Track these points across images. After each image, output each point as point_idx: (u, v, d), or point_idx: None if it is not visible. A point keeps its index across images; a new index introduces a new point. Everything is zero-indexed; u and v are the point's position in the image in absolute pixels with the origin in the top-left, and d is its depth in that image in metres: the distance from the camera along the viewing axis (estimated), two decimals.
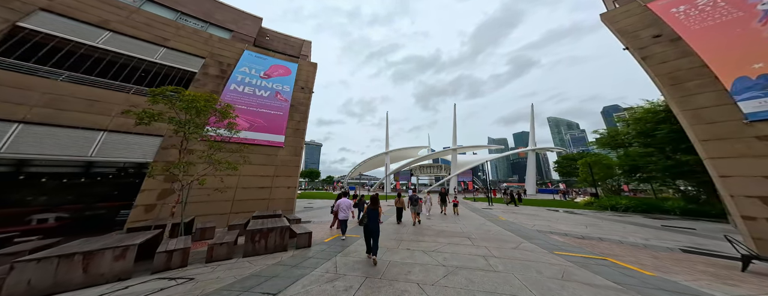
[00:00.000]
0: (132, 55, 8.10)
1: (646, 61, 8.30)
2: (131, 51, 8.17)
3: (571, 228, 7.77)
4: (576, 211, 13.78)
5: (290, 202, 8.58)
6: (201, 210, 6.95)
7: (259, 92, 9.95)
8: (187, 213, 5.98)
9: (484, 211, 13.27)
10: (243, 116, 8.81)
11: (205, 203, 6.98)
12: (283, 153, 9.15)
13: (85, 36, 7.61)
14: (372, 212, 4.37)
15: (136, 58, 8.19)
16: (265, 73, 11.13)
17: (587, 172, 17.57)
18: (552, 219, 10.05)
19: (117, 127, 6.46)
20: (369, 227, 4.22)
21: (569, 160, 39.44)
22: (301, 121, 10.38)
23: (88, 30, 7.72)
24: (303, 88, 12.05)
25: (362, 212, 8.58)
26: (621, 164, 15.25)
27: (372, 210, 4.42)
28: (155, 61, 8.50)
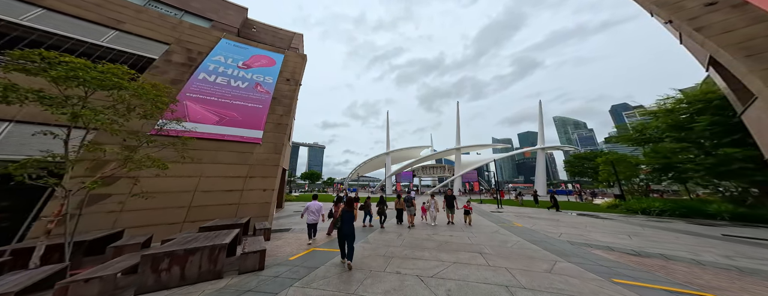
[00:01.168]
0: (67, 35, 6.87)
1: (701, 32, 6.72)
2: (68, 31, 6.96)
3: (613, 239, 6.13)
4: (600, 215, 11.99)
5: (265, 208, 7.12)
6: (138, 219, 5.48)
7: (234, 83, 8.70)
8: (107, 225, 4.63)
9: (495, 215, 11.63)
10: (212, 109, 7.53)
11: (145, 211, 5.56)
12: (261, 151, 7.78)
13: (7, 11, 6.44)
14: (346, 214, 4.07)
15: (72, 39, 6.96)
16: (245, 63, 9.91)
17: (609, 171, 15.70)
18: (579, 226, 8.39)
19: (31, 117, 5.15)
20: (343, 230, 3.97)
21: (581, 159, 37.22)
22: (285, 115, 9.02)
23: (13, 5, 6.56)
24: (289, 79, 10.77)
25: (367, 215, 8.09)
26: (649, 162, 13.37)
27: (346, 212, 4.10)
28: (100, 43, 7.29)
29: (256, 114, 8.26)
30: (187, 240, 3.35)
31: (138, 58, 7.77)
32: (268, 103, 8.88)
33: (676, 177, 13.12)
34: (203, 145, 6.77)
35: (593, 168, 37.72)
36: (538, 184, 35.10)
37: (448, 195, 8.94)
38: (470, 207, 8.57)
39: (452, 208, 8.65)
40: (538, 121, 37.81)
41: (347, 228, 3.98)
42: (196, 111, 7.13)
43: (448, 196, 8.94)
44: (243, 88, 8.70)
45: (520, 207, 15.93)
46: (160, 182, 5.74)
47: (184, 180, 6.18)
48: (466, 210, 8.47)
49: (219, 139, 7.13)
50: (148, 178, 5.63)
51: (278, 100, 9.33)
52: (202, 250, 3.07)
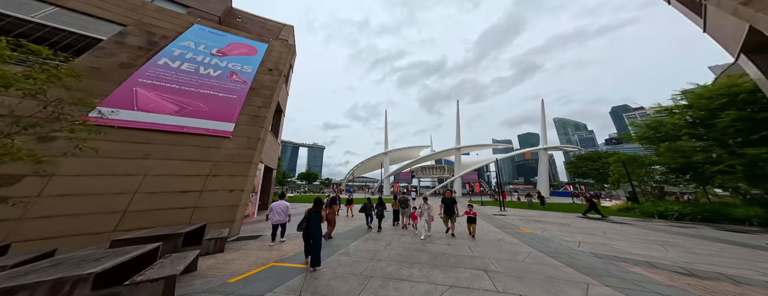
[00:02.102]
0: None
1: (751, 5, 5.71)
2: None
3: (646, 251, 5.06)
4: (614, 219, 10.92)
5: (231, 211, 5.96)
6: (45, 229, 4.26)
7: (205, 70, 7.66)
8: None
9: (498, 219, 10.55)
10: (171, 97, 6.46)
11: (58, 219, 4.37)
12: (231, 146, 6.68)
13: None
14: (314, 215, 3.88)
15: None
16: (220, 50, 8.88)
17: (620, 172, 14.63)
18: (596, 232, 7.31)
19: None
20: (310, 232, 3.79)
21: (584, 160, 36.20)
22: (264, 107, 7.92)
23: None
24: (271, 69, 9.72)
25: (368, 217, 7.66)
26: (666, 161, 12.28)
27: (314, 213, 3.90)
28: (28, 19, 6.23)
29: (228, 105, 7.22)
30: (36, 268, 2.18)
31: (78, 37, 6.72)
32: (244, 93, 7.83)
33: (696, 178, 12.05)
34: (153, 137, 5.68)
35: (597, 169, 36.86)
36: (541, 185, 34.00)
37: (447, 198, 6.76)
38: (475, 213, 6.62)
39: (452, 215, 6.58)
40: (541, 120, 36.78)
41: (315, 229, 3.79)
42: (149, 99, 6.05)
43: (446, 199, 6.75)
44: (214, 77, 7.67)
45: (525, 210, 14.85)
46: (82, 183, 4.62)
47: (119, 180, 5.04)
48: (470, 216, 6.56)
49: (176, 132, 6.03)
50: (65, 177, 4.51)
51: (257, 90, 8.28)
52: (42, 285, 1.88)
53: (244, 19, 14.43)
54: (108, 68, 6.09)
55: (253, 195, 9.06)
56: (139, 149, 5.29)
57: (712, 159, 11.13)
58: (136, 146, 5.29)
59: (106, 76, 5.89)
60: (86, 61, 5.88)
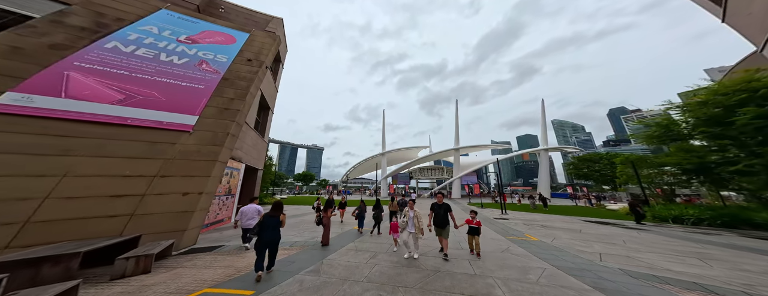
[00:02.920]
0: None
1: None
2: None
3: (684, 267, 4.18)
4: (626, 224, 10.08)
5: (183, 219, 4.88)
6: None
7: (167, 57, 6.72)
8: None
9: (500, 223, 9.65)
10: (116, 84, 5.48)
11: None
12: (191, 141, 5.65)
13: None
14: (270, 220, 3.54)
15: None
16: (190, 37, 7.99)
17: (628, 173, 13.81)
18: (613, 240, 6.43)
19: None
20: (263, 238, 3.41)
21: (585, 162, 35.46)
22: (238, 100, 6.90)
23: None
24: (251, 60, 8.79)
25: (363, 220, 7.18)
26: (679, 162, 11.44)
27: (270, 217, 3.57)
28: None
29: (192, 95, 6.25)
30: None
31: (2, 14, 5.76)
32: (214, 83, 6.87)
33: (712, 180, 11.25)
34: (82, 130, 4.71)
35: (598, 170, 36.12)
36: (542, 187, 33.22)
37: (437, 204, 4.82)
38: (479, 223, 4.98)
39: (445, 227, 4.69)
40: (541, 120, 36.11)
41: (270, 235, 3.49)
42: (84, 85, 5.09)
43: (436, 206, 4.80)
44: (178, 65, 6.74)
45: (527, 213, 13.98)
46: None
47: (25, 182, 3.97)
48: (472, 227, 4.89)
49: (115, 124, 5.03)
50: None
51: (231, 81, 7.33)
52: None
53: (227, 10, 13.56)
54: (33, 48, 5.15)
55: (230, 197, 8.12)
56: (59, 144, 4.30)
57: (729, 160, 10.35)
58: (54, 140, 4.30)
59: (29, 57, 4.96)
60: (3, 39, 4.96)
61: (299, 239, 5.93)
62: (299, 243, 5.54)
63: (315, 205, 9.13)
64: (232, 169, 8.09)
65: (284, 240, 5.78)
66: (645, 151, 50.34)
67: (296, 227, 7.88)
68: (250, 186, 11.79)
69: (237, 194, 8.67)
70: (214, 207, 6.92)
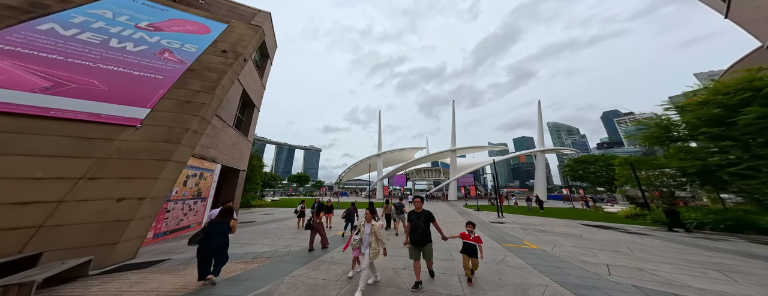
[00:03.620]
0: None
1: None
2: None
3: (706, 282, 3.60)
4: (628, 228, 9.59)
5: (117, 229, 4.08)
6: None
7: (119, 44, 5.95)
8: None
9: (496, 229, 9.06)
10: (43, 70, 4.66)
11: None
12: (136, 137, 4.77)
13: None
14: (216, 227, 3.26)
15: None
16: (154, 24, 7.26)
17: (628, 175, 13.39)
18: (620, 249, 5.86)
19: None
20: (207, 245, 3.12)
21: (581, 163, 35.34)
22: (205, 93, 6.01)
23: None
24: (225, 51, 8.06)
25: (349, 223, 7.13)
26: (682, 165, 10.97)
27: (216, 224, 3.28)
28: None
29: (146, 86, 5.45)
30: None
31: None
32: (176, 74, 6.09)
33: (713, 183, 10.86)
34: None
35: (594, 172, 36.01)
36: (538, 189, 32.92)
37: (416, 213, 3.54)
38: (478, 239, 3.56)
39: (426, 247, 3.39)
40: (538, 122, 35.93)
41: (217, 241, 3.20)
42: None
43: (415, 215, 3.51)
44: (132, 52, 5.97)
45: (524, 216, 13.45)
46: None
47: None
48: (468, 244, 3.54)
49: (34, 115, 4.21)
50: None
51: (198, 72, 6.56)
52: None
53: (208, 1, 12.83)
54: None
55: (200, 201, 7.36)
56: None
57: (732, 162, 9.97)
58: None
59: None
60: None
61: (268, 249, 5.22)
62: (266, 254, 4.83)
63: (298, 209, 8.54)
64: (203, 170, 7.35)
65: (249, 251, 5.09)
66: (637, 153, 50.72)
67: (271, 234, 7.15)
68: (230, 189, 11.01)
69: (210, 197, 7.92)
70: (177, 213, 6.18)
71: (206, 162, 7.47)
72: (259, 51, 14.59)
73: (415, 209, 3.59)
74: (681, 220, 9.71)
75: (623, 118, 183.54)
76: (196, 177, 6.91)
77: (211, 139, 7.81)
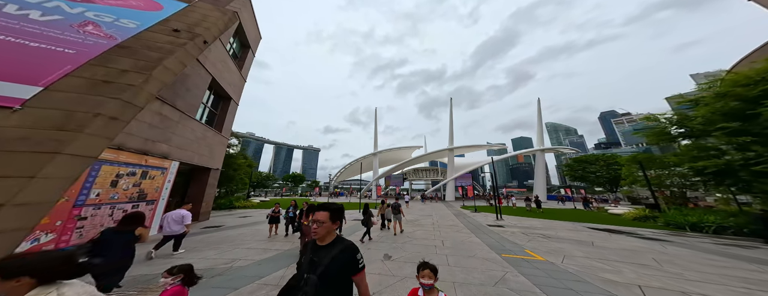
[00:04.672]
0: None
1: None
2: None
3: None
4: (641, 233, 8.59)
5: None
6: None
7: (18, 11, 4.64)
8: None
9: (495, 233, 8.00)
10: None
11: None
12: (10, 122, 3.47)
13: None
14: (114, 236, 2.61)
15: None
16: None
17: (636, 174, 12.42)
18: (644, 260, 4.83)
19: None
20: (103, 263, 2.37)
21: (581, 163, 34.53)
22: (134, 73, 4.56)
23: None
24: (178, 30, 6.85)
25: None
26: (705, 164, 9.68)
27: (115, 232, 2.65)
28: None
29: (45, 59, 4.18)
30: None
31: None
32: (99, 49, 4.84)
33: (734, 183, 9.87)
34: None
35: (594, 172, 35.21)
36: (538, 189, 32.01)
37: (317, 250, 1.43)
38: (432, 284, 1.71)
39: None
40: (537, 120, 35.06)
41: (113, 255, 2.47)
42: None
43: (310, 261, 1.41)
44: (38, 21, 4.74)
45: (524, 218, 12.43)
46: None
47: None
48: None
49: None
50: None
51: (133, 50, 5.29)
52: None
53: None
54: None
55: (145, 204, 6.21)
56: None
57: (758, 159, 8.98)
58: None
59: None
60: None
61: (205, 265, 4.11)
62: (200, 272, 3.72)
63: (272, 213, 7.05)
64: (148, 168, 6.21)
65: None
66: (633, 152, 50.35)
67: (229, 242, 6.02)
68: (197, 189, 9.87)
69: (162, 199, 6.78)
70: (102, 220, 5.03)
71: (152, 159, 6.34)
72: (237, 40, 13.48)
73: (317, 240, 1.48)
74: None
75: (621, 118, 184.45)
76: (134, 176, 5.77)
77: (161, 131, 6.68)
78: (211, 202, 10.73)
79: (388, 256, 4.98)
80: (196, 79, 8.31)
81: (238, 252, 4.96)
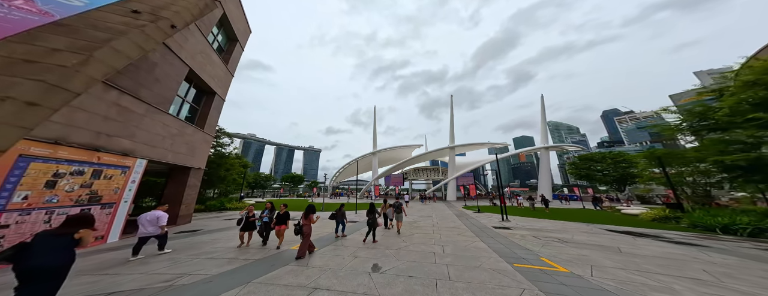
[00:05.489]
0: None
1: None
2: None
3: None
4: (668, 236, 7.67)
5: None
6: None
7: None
8: None
9: (502, 237, 7.10)
10: None
11: None
12: None
13: None
14: (50, 241, 2.22)
15: None
16: None
17: (649, 174, 11.41)
18: (692, 272, 3.92)
19: None
20: (23, 266, 2.04)
21: (587, 161, 33.44)
22: (70, 53, 3.74)
23: None
24: (138, 11, 5.98)
25: (340, 224, 6.67)
26: (739, 158, 8.42)
27: (54, 236, 2.25)
28: None
29: None
30: None
31: None
32: (25, 25, 3.94)
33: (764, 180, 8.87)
34: None
35: (600, 170, 34.08)
36: (543, 188, 30.98)
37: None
38: None
39: None
40: (541, 118, 34.07)
41: (46, 260, 2.09)
42: None
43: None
44: None
45: (531, 218, 11.51)
46: None
47: None
48: None
49: None
50: None
51: (74, 28, 4.41)
52: None
53: None
54: None
55: (99, 208, 5.38)
56: None
57: None
58: None
59: None
60: None
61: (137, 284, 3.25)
62: (122, 292, 2.87)
63: (246, 216, 5.77)
64: (103, 166, 5.40)
65: (110, 282, 3.12)
66: (638, 151, 49.08)
67: (193, 250, 5.17)
68: (175, 190, 9.06)
69: (124, 202, 5.95)
70: (33, 227, 4.20)
71: (108, 156, 5.52)
72: (223, 32, 12.70)
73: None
74: None
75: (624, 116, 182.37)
76: (82, 175, 4.95)
77: (120, 125, 5.87)
78: (192, 204, 9.91)
79: (376, 267, 4.12)
80: (168, 68, 7.51)
81: (194, 265, 4.11)
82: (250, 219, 5.44)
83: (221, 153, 19.61)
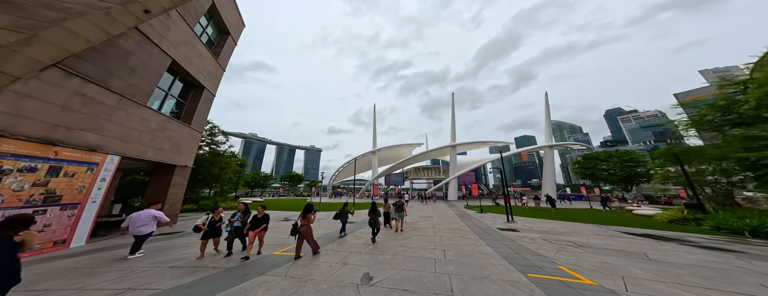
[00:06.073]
0: None
1: None
2: None
3: None
4: (693, 239, 6.98)
5: None
6: None
7: None
8: None
9: (509, 240, 6.44)
10: None
11: None
12: None
13: None
14: None
15: None
16: None
17: (665, 173, 10.65)
18: (750, 287, 3.28)
19: None
20: None
21: (592, 160, 32.59)
22: (8, 31, 2.94)
23: None
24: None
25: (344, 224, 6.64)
26: (759, 157, 7.72)
27: None
28: None
29: None
30: None
31: None
32: None
33: None
34: None
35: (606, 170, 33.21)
36: (547, 187, 30.19)
37: None
38: None
39: None
40: (545, 115, 33.29)
41: None
42: None
43: None
44: None
45: (537, 219, 10.84)
46: None
47: None
48: None
49: None
50: None
51: (18, 5, 3.62)
52: None
53: None
54: None
55: (58, 209, 4.81)
56: None
57: None
58: None
59: None
60: None
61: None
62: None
63: (204, 221, 4.64)
64: (63, 162, 4.82)
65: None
66: (642, 151, 47.77)
67: (164, 255, 4.57)
68: (159, 189, 8.50)
69: (88, 203, 5.38)
70: None
71: (68, 151, 4.94)
72: (213, 25, 12.13)
73: None
74: None
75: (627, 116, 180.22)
76: (34, 172, 4.38)
77: (86, 117, 5.29)
78: (178, 204, 9.36)
79: (367, 278, 3.51)
80: (146, 58, 6.92)
81: (149, 276, 3.51)
82: (215, 224, 4.59)
83: (216, 152, 19.09)
